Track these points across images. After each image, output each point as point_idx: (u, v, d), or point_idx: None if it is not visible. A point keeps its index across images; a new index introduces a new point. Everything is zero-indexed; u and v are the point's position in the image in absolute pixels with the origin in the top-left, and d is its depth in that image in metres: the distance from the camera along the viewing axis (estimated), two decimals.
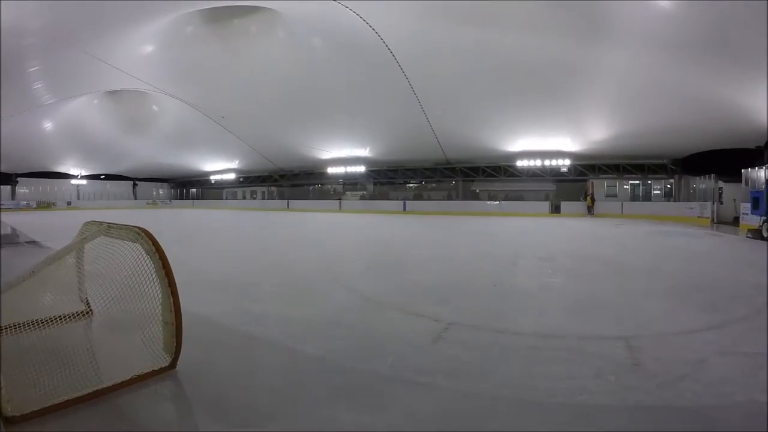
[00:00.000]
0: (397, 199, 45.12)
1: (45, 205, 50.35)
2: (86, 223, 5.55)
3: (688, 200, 30.77)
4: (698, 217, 26.70)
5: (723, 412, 3.51)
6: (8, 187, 51.30)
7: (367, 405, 3.72)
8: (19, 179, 51.55)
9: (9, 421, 3.20)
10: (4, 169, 48.82)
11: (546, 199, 38.11)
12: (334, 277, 9.43)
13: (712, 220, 25.79)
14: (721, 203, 27.13)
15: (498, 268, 10.86)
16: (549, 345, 5.19)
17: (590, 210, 33.87)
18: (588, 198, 34.34)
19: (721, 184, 27.70)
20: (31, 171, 50.85)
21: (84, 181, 56.22)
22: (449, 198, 43.76)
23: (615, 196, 35.80)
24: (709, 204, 26.68)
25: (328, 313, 6.64)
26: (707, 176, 28.92)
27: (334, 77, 29.90)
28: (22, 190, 52.13)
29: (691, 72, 19.98)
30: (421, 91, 28.40)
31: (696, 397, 3.74)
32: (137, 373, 4.02)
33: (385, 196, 48.00)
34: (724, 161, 26.74)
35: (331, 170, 45.55)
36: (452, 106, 29.35)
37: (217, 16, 29.09)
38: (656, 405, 3.64)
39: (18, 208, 46.48)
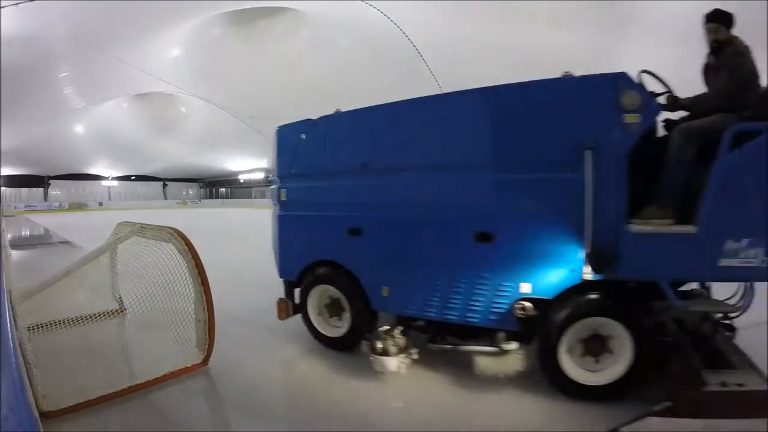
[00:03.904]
0: None
1: (77, 207, 51.22)
2: (119, 224, 5.61)
3: None
4: None
5: None
6: (41, 189, 52.34)
7: None
8: (51, 181, 52.53)
9: (45, 416, 3.24)
10: (37, 172, 49.87)
11: None
12: None
13: None
14: None
15: None
16: None
17: None
18: None
19: None
20: (63, 173, 51.82)
21: (115, 183, 57.19)
22: None
23: None
24: None
25: None
26: None
27: (360, 76, 29.87)
28: (55, 192, 53.11)
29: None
30: (448, 88, 28.20)
31: None
32: (170, 370, 4.04)
33: None
34: None
35: None
36: None
37: (243, 18, 29.27)
38: None
39: (50, 210, 47.35)
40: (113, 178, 56.38)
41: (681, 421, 2.97)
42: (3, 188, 48.96)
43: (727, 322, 4.03)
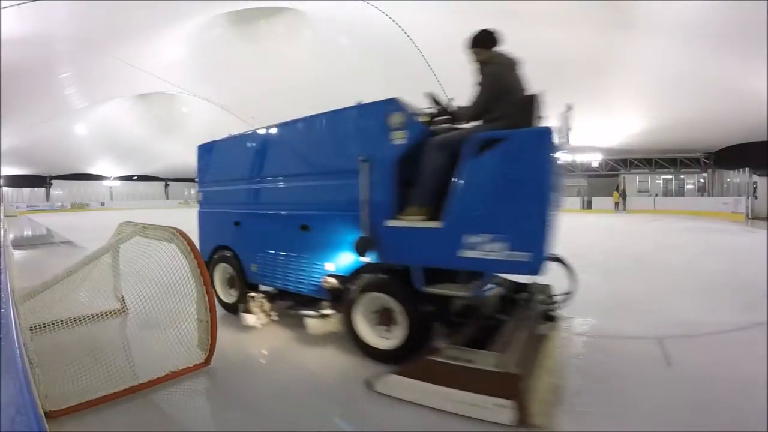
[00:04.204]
0: None
1: (79, 207, 51.31)
2: (121, 224, 5.66)
3: (722, 195, 30.09)
4: (732, 212, 26.03)
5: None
6: (43, 189, 52.44)
7: None
8: (53, 181, 52.64)
9: (47, 416, 3.24)
10: (39, 172, 49.98)
11: (577, 195, 37.65)
12: None
13: (747, 215, 25.09)
14: (756, 198, 26.35)
15: None
16: None
17: (618, 206, 33.35)
18: (615, 193, 33.83)
19: (755, 178, 26.89)
20: (65, 173, 51.94)
21: (117, 183, 57.23)
22: None
23: (647, 191, 35.19)
24: (743, 199, 25.97)
25: None
26: (741, 170, 28.25)
27: (362, 76, 29.91)
28: (57, 192, 53.22)
29: (723, 62, 19.51)
30: (450, 88, 28.25)
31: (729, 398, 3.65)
32: (172, 370, 4.05)
33: None
34: (758, 154, 26.01)
35: None
36: None
37: (244, 18, 29.35)
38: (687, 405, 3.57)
39: (52, 210, 47.45)
40: (115, 178, 56.44)
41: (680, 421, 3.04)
42: (5, 188, 49.06)
43: (551, 312, 5.05)
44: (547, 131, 3.73)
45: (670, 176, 34.91)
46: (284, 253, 5.50)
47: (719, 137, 27.82)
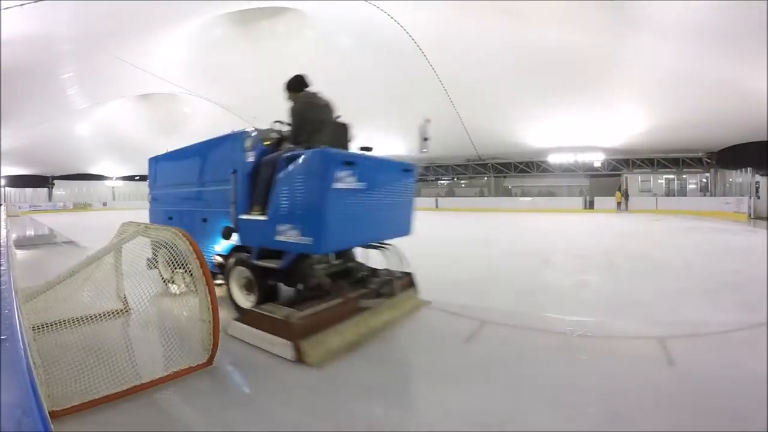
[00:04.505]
0: (429, 196, 45.05)
1: (81, 207, 51.40)
2: (124, 224, 5.72)
3: (725, 195, 30.05)
4: (735, 212, 25.99)
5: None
6: (45, 189, 52.54)
7: None
8: (55, 182, 52.74)
9: (50, 416, 3.25)
10: (42, 172, 50.07)
11: (580, 195, 37.62)
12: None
13: (749, 215, 25.05)
14: (758, 198, 26.32)
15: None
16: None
17: (620, 206, 33.35)
18: (617, 193, 33.81)
19: (758, 178, 26.85)
20: (67, 173, 52.02)
21: (119, 183, 57.29)
22: (481, 194, 43.57)
23: (649, 191, 35.14)
24: (745, 199, 25.93)
25: None
26: (744, 170, 28.20)
27: (363, 76, 29.93)
28: (59, 192, 53.33)
29: (725, 62, 19.49)
30: (452, 87, 28.31)
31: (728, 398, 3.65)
32: (175, 370, 4.07)
33: (417, 193, 47.84)
34: (761, 154, 25.97)
35: None
36: (484, 102, 29.15)
37: (246, 18, 29.36)
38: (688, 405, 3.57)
39: (55, 210, 47.54)
40: (117, 178, 56.50)
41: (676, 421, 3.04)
42: (8, 188, 49.16)
43: (384, 291, 6.14)
44: (325, 152, 4.94)
45: (672, 176, 34.85)
46: (196, 239, 5.81)
47: (722, 137, 27.77)
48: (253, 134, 6.10)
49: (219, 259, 6.50)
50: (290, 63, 31.02)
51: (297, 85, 6.21)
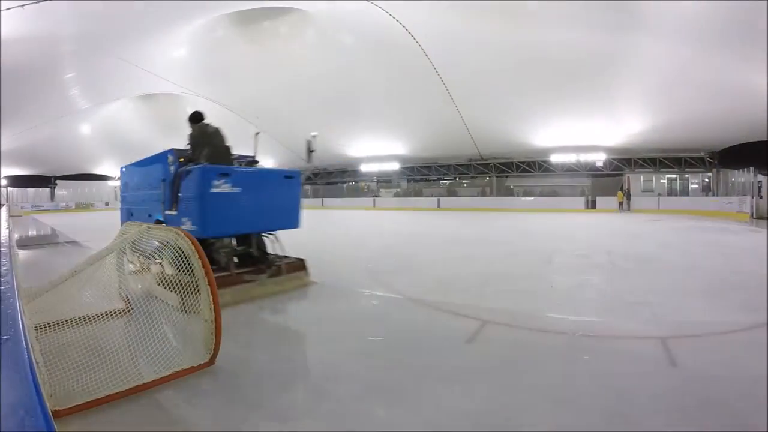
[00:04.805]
0: (431, 196, 45.06)
1: (83, 207, 51.48)
2: (126, 224, 5.74)
3: (727, 194, 29.99)
4: (737, 212, 25.92)
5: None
6: (47, 190, 52.62)
7: None
8: (57, 182, 52.82)
9: (52, 415, 3.25)
10: (44, 172, 50.15)
11: (581, 195, 37.56)
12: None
13: (751, 215, 24.97)
14: (761, 197, 26.24)
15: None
16: None
17: (622, 205, 33.30)
18: (619, 193, 33.77)
19: (760, 177, 26.77)
20: (70, 173, 52.09)
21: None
22: (483, 194, 43.52)
23: (651, 191, 35.07)
24: (748, 198, 25.86)
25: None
26: (746, 169, 28.14)
27: (366, 75, 29.97)
28: (61, 192, 53.43)
29: (727, 61, 19.49)
30: (453, 87, 28.33)
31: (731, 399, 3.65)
32: (176, 369, 4.07)
33: (418, 193, 48.02)
34: (763, 153, 25.91)
35: (365, 168, 46.00)
36: (485, 102, 29.16)
37: (248, 19, 29.40)
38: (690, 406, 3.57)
39: (57, 210, 47.63)
40: (119, 178, 56.55)
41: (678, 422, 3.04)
42: (10, 188, 49.24)
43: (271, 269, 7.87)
44: (205, 167, 7.00)
45: (674, 176, 34.78)
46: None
47: (724, 136, 27.73)
48: (172, 153, 7.97)
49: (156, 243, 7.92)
50: (292, 63, 31.18)
51: (195, 118, 8.16)
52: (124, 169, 11.21)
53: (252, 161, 9.03)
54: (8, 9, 17.04)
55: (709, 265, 10.37)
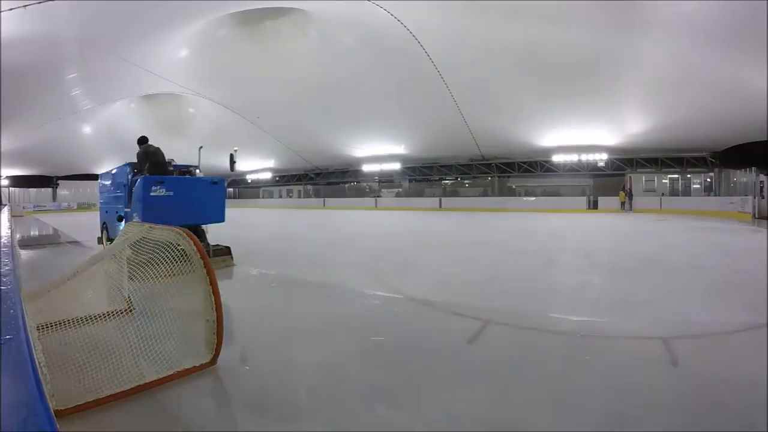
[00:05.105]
0: (433, 196, 45.05)
1: (85, 207, 51.53)
2: (128, 224, 5.73)
3: (729, 194, 29.93)
4: (739, 212, 25.88)
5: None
6: (49, 190, 52.69)
7: None
8: (59, 182, 52.89)
9: (54, 415, 3.25)
10: (46, 172, 50.22)
11: (583, 195, 37.52)
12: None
13: (753, 215, 24.92)
14: (763, 197, 26.16)
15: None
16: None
17: (624, 205, 33.25)
18: (621, 193, 33.72)
19: (762, 177, 26.70)
20: (72, 174, 52.16)
21: None
22: (485, 194, 43.48)
23: (653, 190, 34.98)
24: (750, 198, 25.79)
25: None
26: (748, 169, 28.09)
27: (367, 76, 29.94)
28: (63, 192, 53.51)
29: (729, 61, 19.46)
30: (455, 87, 28.29)
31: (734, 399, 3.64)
32: (178, 369, 4.07)
33: (420, 193, 47.98)
34: (765, 153, 25.85)
35: (367, 168, 45.99)
36: (487, 102, 29.12)
37: (249, 19, 29.38)
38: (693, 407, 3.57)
39: (59, 210, 47.72)
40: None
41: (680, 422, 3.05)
42: (12, 188, 49.32)
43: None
44: (145, 177, 9.51)
45: (676, 176, 34.70)
46: (112, 225, 11.59)
47: (726, 136, 27.68)
48: (129, 166, 10.99)
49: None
50: (294, 63, 31.17)
51: (141, 141, 10.83)
52: (100, 177, 14.27)
53: (187, 170, 11.71)
54: (11, 9, 17.07)
55: (711, 265, 10.36)
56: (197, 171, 12.20)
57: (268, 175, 56.36)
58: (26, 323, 1.71)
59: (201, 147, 13.09)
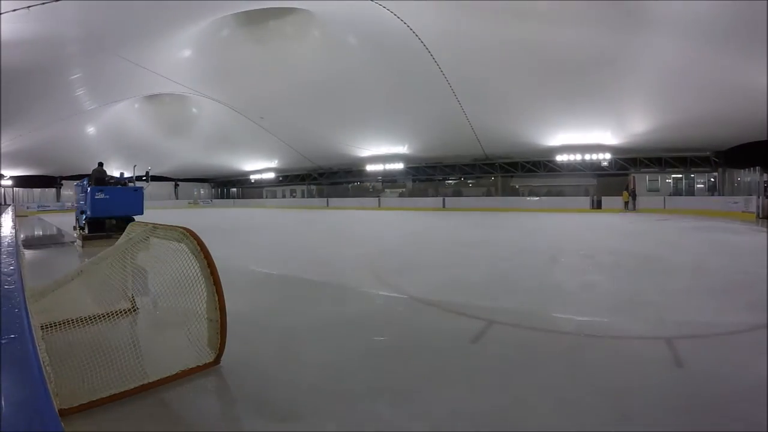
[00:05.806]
0: (436, 196, 45.05)
1: None
2: (132, 224, 5.70)
3: (733, 194, 29.85)
4: (743, 212, 25.80)
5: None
6: (53, 190, 52.81)
7: None
8: (63, 182, 52.99)
9: (58, 414, 3.25)
10: (50, 172, 50.34)
11: (586, 194, 37.48)
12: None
13: (757, 215, 24.83)
14: (766, 197, 26.08)
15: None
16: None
17: (627, 205, 33.20)
18: (624, 193, 33.66)
19: (766, 177, 26.61)
20: (75, 174, 52.26)
21: None
22: (488, 194, 43.48)
23: (657, 190, 34.90)
24: (753, 198, 25.71)
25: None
26: (752, 169, 28.02)
27: (371, 75, 29.96)
28: (67, 192, 53.60)
29: (732, 61, 19.42)
30: (458, 87, 28.29)
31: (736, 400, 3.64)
32: (182, 369, 4.07)
33: (423, 193, 48.02)
34: None
35: (370, 168, 46.01)
36: (490, 102, 29.13)
37: (253, 19, 29.44)
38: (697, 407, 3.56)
39: (63, 210, 47.80)
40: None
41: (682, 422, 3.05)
42: (16, 189, 49.46)
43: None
44: (93, 187, 15.25)
45: (680, 175, 34.61)
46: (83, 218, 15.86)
47: (729, 136, 27.64)
48: (88, 179, 15.68)
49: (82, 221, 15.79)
50: (298, 63, 31.19)
51: (98, 165, 16.24)
52: (75, 185, 18.62)
53: (119, 181, 16.88)
54: (15, 10, 17.12)
55: (714, 265, 10.34)
56: (131, 183, 17.13)
57: (271, 175, 56.42)
58: (30, 322, 1.71)
59: (135, 165, 19.34)
